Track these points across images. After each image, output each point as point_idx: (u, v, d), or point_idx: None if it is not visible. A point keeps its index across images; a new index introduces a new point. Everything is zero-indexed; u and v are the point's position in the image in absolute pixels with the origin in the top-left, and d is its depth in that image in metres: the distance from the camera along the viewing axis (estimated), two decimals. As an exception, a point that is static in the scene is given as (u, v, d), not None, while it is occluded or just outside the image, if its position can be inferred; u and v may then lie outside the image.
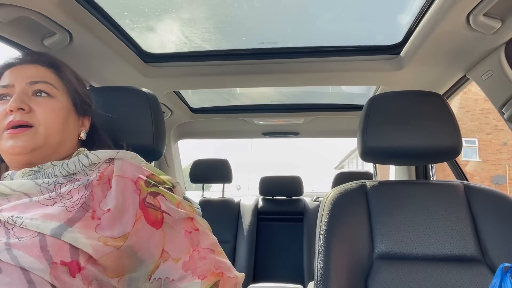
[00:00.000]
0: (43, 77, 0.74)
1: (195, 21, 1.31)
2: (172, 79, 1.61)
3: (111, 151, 0.73)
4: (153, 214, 0.67)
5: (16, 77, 0.72)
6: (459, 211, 1.02)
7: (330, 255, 0.95)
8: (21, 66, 0.75)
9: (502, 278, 0.75)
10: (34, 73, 0.73)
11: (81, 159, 0.70)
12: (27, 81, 0.72)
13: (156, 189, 0.70)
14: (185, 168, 3.07)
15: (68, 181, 0.68)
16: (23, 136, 0.68)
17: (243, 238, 2.26)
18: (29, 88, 0.72)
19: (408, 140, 1.03)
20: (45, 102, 0.72)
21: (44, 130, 0.70)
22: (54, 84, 0.74)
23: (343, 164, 23.88)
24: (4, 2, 0.91)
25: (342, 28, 1.40)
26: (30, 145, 0.68)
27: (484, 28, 1.04)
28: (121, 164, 0.71)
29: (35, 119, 0.70)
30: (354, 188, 1.08)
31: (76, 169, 0.69)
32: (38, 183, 0.66)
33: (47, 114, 0.71)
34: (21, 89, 0.71)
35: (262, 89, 2.00)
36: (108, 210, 0.64)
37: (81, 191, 0.65)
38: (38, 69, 0.75)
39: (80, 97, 0.79)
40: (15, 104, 0.68)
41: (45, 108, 0.71)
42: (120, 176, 0.69)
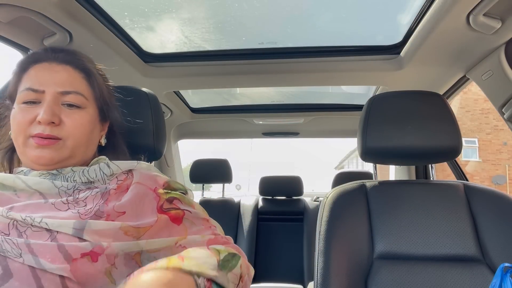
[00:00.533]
0: (75, 86, 0.70)
1: (195, 21, 1.31)
2: (172, 79, 1.61)
3: (131, 162, 0.73)
4: (173, 212, 0.68)
5: (46, 81, 0.68)
6: (459, 211, 1.02)
7: (330, 255, 0.95)
8: (51, 66, 0.70)
9: (502, 278, 0.75)
10: (65, 79, 0.70)
11: (102, 167, 0.70)
12: (59, 89, 0.68)
13: (171, 194, 0.71)
14: (185, 168, 3.07)
15: (86, 188, 0.67)
16: (50, 148, 0.67)
17: (243, 238, 2.26)
18: (59, 97, 0.69)
19: (408, 140, 1.03)
20: (75, 114, 0.69)
21: (72, 143, 0.69)
22: (85, 95, 0.72)
23: (343, 164, 23.88)
24: (4, 2, 0.91)
25: (342, 28, 1.40)
26: (56, 157, 0.67)
27: (484, 28, 1.04)
28: (140, 174, 0.72)
29: (64, 132, 0.68)
30: (354, 188, 1.08)
31: (96, 177, 0.69)
32: (57, 185, 0.66)
33: (76, 128, 0.69)
34: (52, 98, 0.68)
35: (262, 89, 2.00)
36: (123, 212, 0.64)
37: (97, 199, 0.65)
38: (69, 74, 0.71)
39: (106, 104, 0.77)
40: (47, 118, 0.65)
41: (75, 121, 0.69)
42: (139, 183, 0.69)
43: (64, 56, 0.72)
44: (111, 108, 0.80)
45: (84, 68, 0.73)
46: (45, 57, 0.71)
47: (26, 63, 0.71)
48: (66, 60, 0.71)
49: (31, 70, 0.70)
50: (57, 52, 0.72)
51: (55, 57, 0.71)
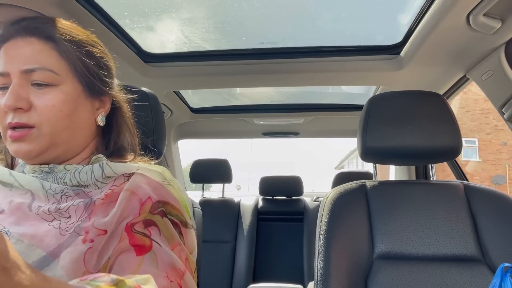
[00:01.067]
0: (41, 61, 0.59)
1: (195, 20, 1.31)
2: (172, 79, 1.61)
3: (131, 165, 0.63)
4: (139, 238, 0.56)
5: (10, 61, 0.59)
6: (459, 211, 1.02)
7: (330, 255, 0.95)
8: (15, 42, 0.59)
9: (502, 278, 0.75)
10: (28, 54, 0.58)
11: (94, 170, 0.61)
12: (22, 68, 0.58)
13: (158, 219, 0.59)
14: (185, 168, 3.08)
15: (75, 194, 0.60)
16: (25, 140, 0.58)
17: (243, 238, 2.26)
18: (25, 77, 0.58)
19: (408, 140, 1.03)
20: (45, 95, 0.59)
21: (48, 130, 0.59)
22: (54, 69, 0.59)
23: (343, 164, 23.88)
24: (4, 2, 0.91)
25: (342, 28, 1.40)
26: (34, 149, 0.59)
27: (484, 28, 1.04)
28: (138, 178, 0.61)
29: (35, 118, 0.58)
30: (354, 188, 1.08)
31: (87, 181, 0.60)
32: (46, 187, 0.59)
33: (49, 110, 0.58)
34: (18, 79, 0.58)
35: (262, 89, 2.00)
36: (104, 231, 0.55)
37: (79, 212, 0.57)
38: (33, 47, 0.59)
39: (93, 75, 0.64)
40: (10, 103, 0.56)
41: (47, 102, 0.58)
42: (129, 190, 0.59)
43: (26, 27, 0.60)
44: (103, 80, 0.66)
45: (49, 37, 0.60)
46: (9, 33, 0.60)
47: None
48: (29, 32, 0.60)
49: (1, 50, 0.61)
50: (19, 23, 0.61)
51: (18, 30, 0.60)
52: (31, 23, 0.61)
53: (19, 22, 0.61)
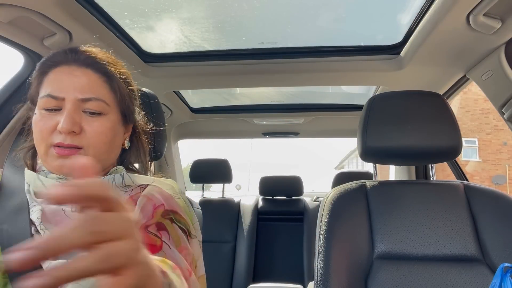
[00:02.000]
0: (96, 92, 0.66)
1: (195, 20, 1.31)
2: (172, 79, 1.61)
3: (148, 178, 0.71)
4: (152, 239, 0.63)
5: (66, 87, 0.65)
6: (459, 211, 1.02)
7: (330, 255, 0.95)
8: (70, 69, 0.66)
9: (502, 278, 0.75)
10: (85, 84, 0.66)
11: (116, 178, 0.68)
12: (79, 96, 0.65)
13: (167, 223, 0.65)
14: (185, 168, 3.08)
15: None
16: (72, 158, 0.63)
17: (243, 238, 2.26)
18: (79, 104, 0.65)
19: (408, 140, 1.03)
20: (96, 122, 0.66)
21: (93, 152, 0.66)
22: (106, 100, 0.67)
23: (343, 164, 23.88)
24: (4, 2, 0.91)
25: (342, 28, 1.40)
26: None
27: (484, 28, 1.04)
28: (153, 189, 0.69)
29: (85, 141, 0.65)
30: (354, 188, 1.08)
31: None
32: None
33: (97, 136, 0.66)
34: (72, 105, 0.64)
35: (262, 89, 2.01)
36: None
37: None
38: (89, 78, 0.66)
39: (128, 108, 0.73)
40: (67, 127, 0.62)
41: (96, 129, 0.66)
42: (145, 196, 0.67)
43: (84, 59, 0.68)
44: (133, 111, 0.76)
45: (105, 72, 0.69)
46: (65, 59, 0.67)
47: (46, 66, 0.68)
48: (86, 63, 0.67)
49: (51, 73, 0.67)
50: (77, 54, 0.68)
51: (75, 60, 0.67)
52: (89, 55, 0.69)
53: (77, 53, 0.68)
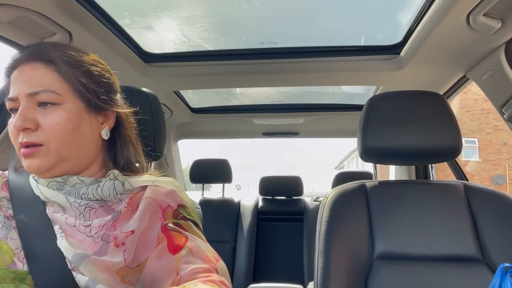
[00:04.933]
0: (43, 83, 0.64)
1: (194, 19, 1.31)
2: (172, 79, 1.61)
3: (147, 179, 0.70)
4: (177, 237, 0.65)
5: (17, 86, 0.64)
6: (459, 211, 1.02)
7: (330, 255, 0.95)
8: (21, 68, 0.65)
9: (502, 278, 0.75)
10: (32, 78, 0.64)
11: (116, 186, 0.67)
12: (27, 91, 0.63)
13: (183, 222, 0.68)
14: (185, 168, 3.08)
15: (99, 206, 0.66)
16: (34, 156, 0.63)
17: (243, 238, 2.26)
18: (31, 99, 0.63)
19: (408, 140, 1.03)
20: (50, 114, 0.64)
21: (55, 146, 0.64)
22: (56, 90, 0.64)
23: (343, 164, 23.88)
24: (4, 2, 0.91)
25: (342, 28, 1.40)
26: (44, 164, 0.63)
27: (484, 28, 1.04)
28: (154, 189, 0.69)
29: (42, 136, 0.63)
30: (354, 188, 1.08)
31: (110, 197, 0.66)
32: (70, 201, 0.64)
33: (54, 128, 0.63)
34: (25, 102, 0.63)
35: (262, 89, 2.01)
36: (131, 231, 0.63)
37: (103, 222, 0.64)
38: (36, 71, 0.64)
39: (93, 92, 0.68)
40: (19, 124, 0.61)
41: (52, 121, 0.63)
42: (149, 198, 0.67)
43: (30, 53, 0.66)
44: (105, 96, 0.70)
45: (50, 60, 0.65)
46: (16, 61, 0.66)
47: (9, 70, 0.67)
48: (32, 57, 0.65)
49: (11, 78, 0.66)
50: (24, 51, 0.67)
51: (23, 57, 0.66)
52: (34, 49, 0.67)
53: (24, 50, 0.67)
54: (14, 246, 0.61)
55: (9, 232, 0.62)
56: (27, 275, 0.57)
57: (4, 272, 0.56)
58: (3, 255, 0.59)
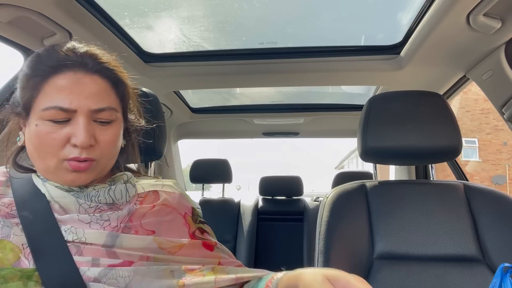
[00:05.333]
0: (108, 100, 0.63)
1: (194, 19, 1.31)
2: (172, 79, 1.61)
3: (157, 183, 0.71)
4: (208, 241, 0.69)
5: (76, 97, 0.60)
6: (459, 211, 1.02)
7: (330, 255, 0.95)
8: (77, 76, 0.61)
9: (502, 278, 0.75)
10: (96, 93, 0.61)
11: (129, 189, 0.67)
12: (92, 107, 0.61)
13: (203, 226, 0.71)
14: (185, 169, 3.08)
15: (108, 208, 0.65)
16: (86, 171, 0.62)
17: (243, 238, 2.26)
18: (92, 115, 0.61)
19: (408, 140, 1.03)
20: (107, 131, 0.63)
21: (104, 162, 0.65)
22: (116, 108, 0.65)
23: (343, 164, 23.88)
24: (4, 2, 0.91)
25: (342, 28, 1.40)
26: (90, 178, 0.64)
27: (484, 28, 1.04)
28: (165, 194, 0.70)
29: (98, 152, 0.62)
30: (354, 188, 1.08)
31: (122, 199, 0.66)
32: (80, 202, 0.63)
33: (109, 145, 0.64)
34: (86, 118, 0.60)
35: (262, 89, 2.01)
36: (152, 231, 0.64)
37: (121, 217, 0.64)
38: (99, 86, 0.63)
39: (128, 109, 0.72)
40: (86, 142, 0.59)
41: (108, 138, 0.63)
42: (166, 205, 0.68)
43: (93, 65, 0.63)
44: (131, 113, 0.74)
45: (116, 80, 0.66)
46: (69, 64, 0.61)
47: (47, 70, 0.61)
48: (94, 70, 0.63)
49: (55, 80, 0.60)
50: (83, 58, 0.63)
51: (82, 65, 0.62)
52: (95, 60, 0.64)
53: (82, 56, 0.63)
54: (20, 242, 0.59)
55: (11, 230, 0.60)
56: (34, 272, 0.56)
57: (10, 272, 0.55)
58: (7, 254, 0.57)
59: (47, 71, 0.61)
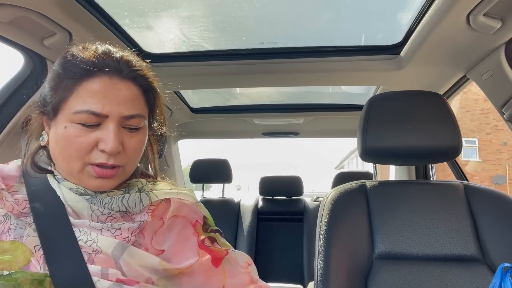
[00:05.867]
0: (138, 108, 0.63)
1: (194, 19, 1.31)
2: (172, 79, 1.60)
3: (171, 191, 0.70)
4: (215, 251, 0.67)
5: (109, 103, 0.59)
6: (459, 211, 1.02)
7: (330, 255, 0.95)
8: (112, 82, 0.60)
9: (502, 278, 0.75)
10: (128, 99, 0.61)
11: (142, 198, 0.66)
12: (124, 113, 0.60)
13: (213, 235, 0.70)
14: (185, 168, 3.07)
15: (121, 216, 0.64)
16: (112, 178, 0.62)
17: (243, 238, 2.26)
18: (122, 121, 0.61)
19: (408, 140, 1.03)
20: (135, 138, 0.63)
21: (130, 168, 0.65)
22: (145, 115, 0.65)
23: (343, 164, 23.88)
24: (4, 2, 0.91)
25: (342, 28, 1.40)
26: (115, 185, 0.63)
27: (484, 28, 1.04)
28: (177, 203, 0.69)
29: (124, 159, 0.62)
30: (354, 188, 1.08)
31: (135, 208, 0.64)
32: (93, 208, 0.62)
33: (135, 152, 0.64)
34: (117, 124, 0.60)
35: (262, 89, 2.01)
36: (162, 251, 0.64)
37: (132, 229, 0.63)
38: (132, 93, 0.62)
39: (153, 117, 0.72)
40: (116, 149, 0.59)
41: (135, 145, 0.63)
42: (177, 216, 0.67)
43: (128, 71, 0.62)
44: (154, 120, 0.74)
45: (147, 88, 0.66)
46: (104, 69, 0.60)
47: (80, 73, 0.59)
48: (129, 77, 0.62)
49: (87, 83, 0.59)
50: (119, 64, 0.61)
51: (117, 70, 0.61)
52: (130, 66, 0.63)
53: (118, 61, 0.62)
54: (32, 244, 0.57)
55: (25, 230, 0.58)
56: (45, 277, 0.55)
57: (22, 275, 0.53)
58: (17, 256, 0.55)
59: (81, 73, 0.59)
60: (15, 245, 0.56)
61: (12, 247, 0.56)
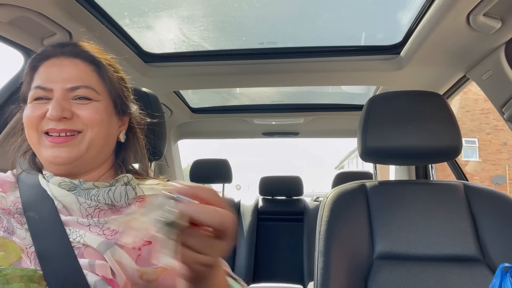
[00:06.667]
0: (84, 80, 0.67)
1: (194, 19, 1.31)
2: (172, 79, 1.61)
3: (157, 187, 0.70)
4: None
5: (54, 78, 0.65)
6: (459, 211, 1.02)
7: (330, 255, 0.95)
8: (59, 60, 0.67)
9: (502, 278, 0.75)
10: (73, 74, 0.66)
11: (128, 191, 0.67)
12: (67, 86, 0.65)
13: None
14: (185, 168, 3.07)
15: (108, 208, 0.65)
16: (67, 146, 0.64)
17: (243, 238, 2.26)
18: (68, 93, 0.65)
19: (408, 140, 1.03)
20: (87, 106, 0.66)
21: (91, 135, 0.66)
22: (95, 88, 0.67)
23: (343, 164, 23.88)
24: (4, 2, 0.91)
25: (342, 28, 1.40)
26: (73, 155, 0.64)
27: (484, 28, 1.04)
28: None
29: (80, 124, 0.65)
30: (354, 188, 1.08)
31: (121, 201, 0.66)
32: (80, 201, 0.64)
33: (92, 118, 0.65)
34: (61, 94, 0.64)
35: (262, 89, 2.01)
36: (148, 242, 0.63)
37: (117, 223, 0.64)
38: (78, 67, 0.67)
39: (119, 97, 0.73)
40: (56, 113, 0.62)
41: (89, 110, 0.65)
42: None
43: (72, 50, 0.68)
44: (126, 101, 0.75)
45: (93, 61, 0.69)
46: (53, 52, 0.68)
47: (36, 61, 0.68)
48: (74, 53, 0.68)
49: (40, 68, 0.67)
50: (65, 46, 0.69)
51: (63, 52, 0.68)
52: (76, 46, 0.70)
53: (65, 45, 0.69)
54: (23, 243, 0.59)
55: (17, 229, 0.60)
56: (35, 273, 0.56)
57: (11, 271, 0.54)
58: (9, 253, 0.57)
59: (37, 61, 0.68)
60: (6, 241, 0.58)
61: (3, 244, 0.57)
